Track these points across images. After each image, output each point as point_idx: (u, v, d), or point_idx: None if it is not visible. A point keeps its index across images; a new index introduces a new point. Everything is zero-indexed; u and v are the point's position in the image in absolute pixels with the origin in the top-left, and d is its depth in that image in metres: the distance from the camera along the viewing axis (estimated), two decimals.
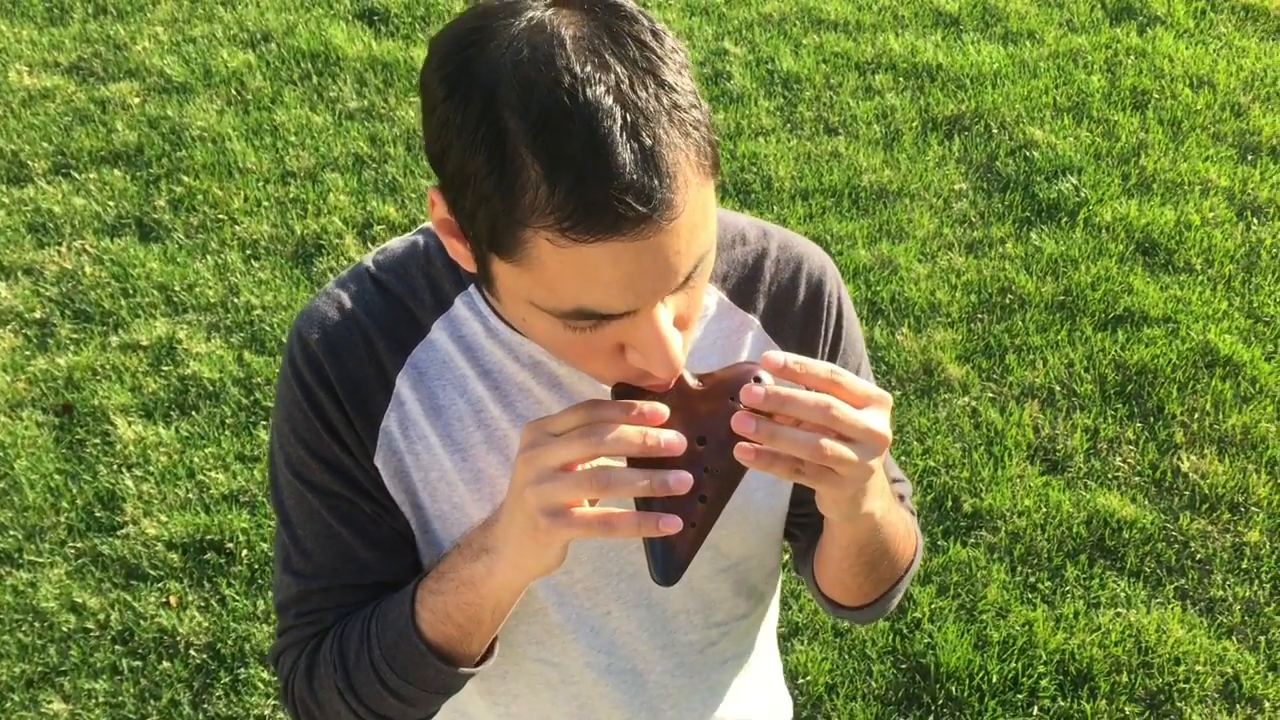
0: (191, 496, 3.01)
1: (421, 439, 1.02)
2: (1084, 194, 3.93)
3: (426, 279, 1.03)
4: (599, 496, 0.87)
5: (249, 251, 3.78)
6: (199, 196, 4.00)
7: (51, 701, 2.60)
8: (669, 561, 0.90)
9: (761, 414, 0.86)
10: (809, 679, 2.60)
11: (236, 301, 3.59)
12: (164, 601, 2.78)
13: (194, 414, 3.23)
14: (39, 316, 3.57)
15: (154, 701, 2.60)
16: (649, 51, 0.81)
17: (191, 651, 2.68)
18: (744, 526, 1.11)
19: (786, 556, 1.31)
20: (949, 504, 2.97)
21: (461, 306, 1.03)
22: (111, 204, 3.98)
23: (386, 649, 1.00)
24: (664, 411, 0.88)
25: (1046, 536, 2.89)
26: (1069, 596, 2.77)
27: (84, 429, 3.20)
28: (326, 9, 4.98)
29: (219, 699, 2.59)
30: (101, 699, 2.60)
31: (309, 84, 4.54)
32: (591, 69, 0.78)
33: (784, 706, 1.39)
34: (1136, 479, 3.03)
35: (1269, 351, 3.38)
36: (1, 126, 4.35)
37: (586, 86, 0.77)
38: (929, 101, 4.39)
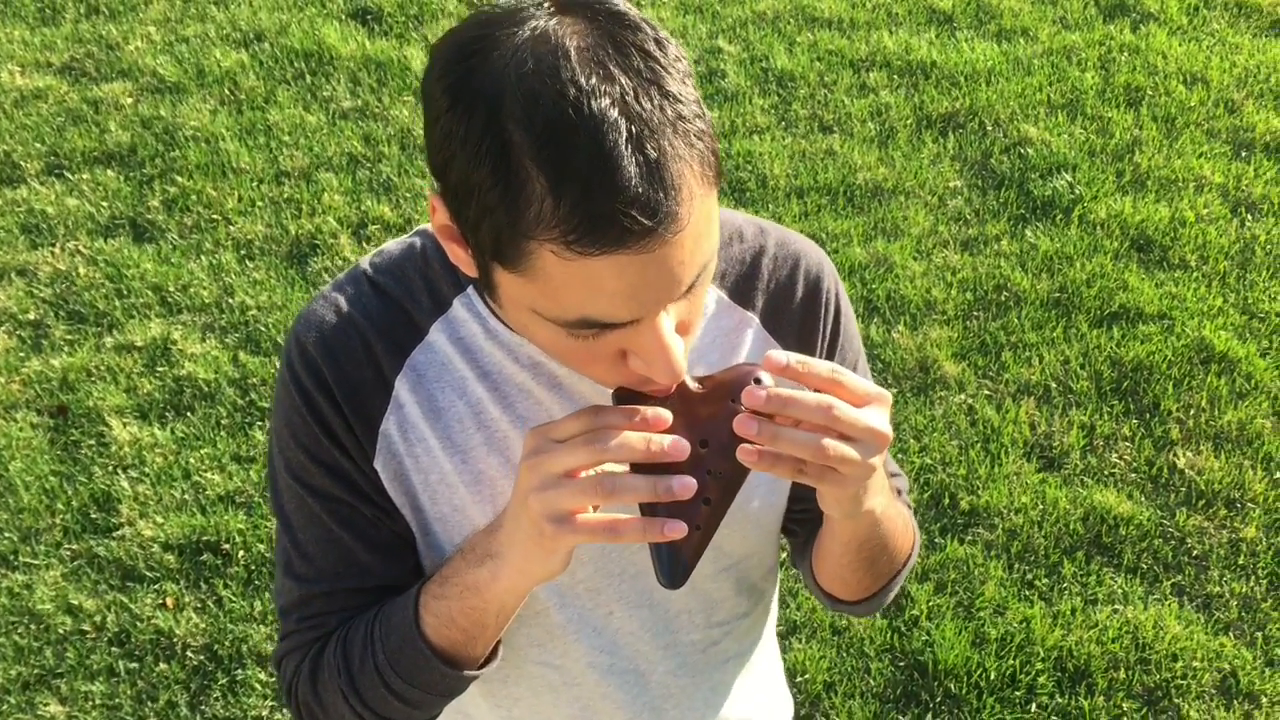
0: (187, 498, 3.00)
1: (421, 441, 1.02)
2: (1078, 191, 3.94)
3: (424, 281, 1.03)
4: (603, 503, 0.87)
5: (243, 252, 3.78)
6: (193, 197, 3.99)
7: (48, 704, 2.59)
8: (675, 565, 0.90)
9: (763, 415, 0.86)
10: (807, 677, 2.60)
11: (231, 302, 3.58)
12: (161, 603, 2.77)
13: (189, 415, 3.22)
14: (33, 318, 3.56)
15: (151, 703, 2.59)
16: (653, 61, 0.80)
17: (189, 653, 2.68)
18: (745, 525, 1.11)
19: (784, 554, 1.31)
20: (946, 501, 2.97)
21: (460, 308, 1.02)
22: (105, 204, 3.97)
23: (391, 653, 1.00)
24: (667, 417, 0.88)
25: (1043, 533, 2.89)
26: (1066, 593, 2.77)
27: (79, 430, 3.19)
28: (319, 8, 4.97)
29: (216, 700, 2.59)
30: (98, 701, 2.60)
31: (302, 84, 4.53)
32: (596, 81, 0.78)
33: (785, 705, 1.39)
34: (1133, 475, 3.04)
35: (1264, 347, 3.38)
36: None
37: (591, 99, 0.77)
38: (923, 99, 4.39)
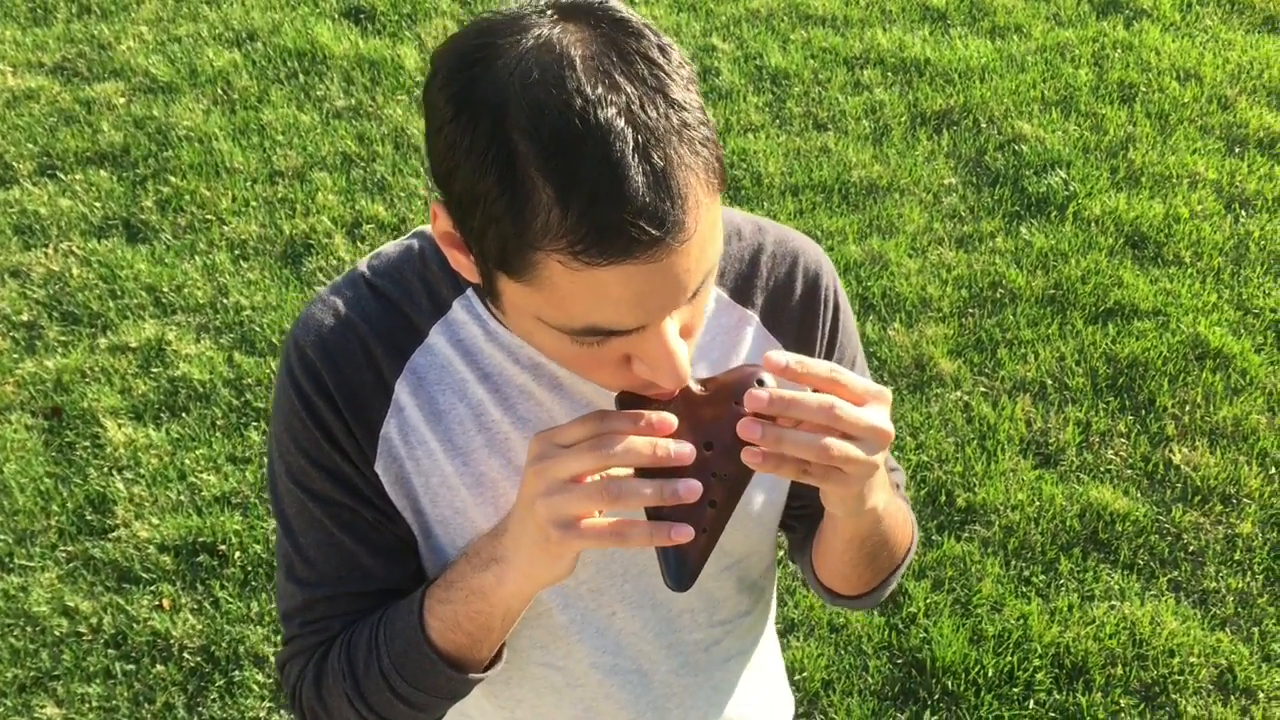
0: (183, 499, 3.00)
1: (422, 444, 1.02)
2: (1073, 188, 3.94)
3: (423, 283, 1.02)
4: (609, 508, 0.87)
5: (238, 252, 3.77)
6: (186, 197, 3.97)
7: (45, 706, 2.58)
8: (682, 569, 0.91)
9: (765, 417, 0.86)
10: (805, 675, 2.60)
11: (226, 302, 3.57)
12: (157, 604, 2.77)
13: (184, 416, 3.22)
14: (26, 319, 3.55)
15: (148, 705, 2.58)
16: (657, 69, 0.80)
17: (185, 654, 2.67)
18: (747, 524, 1.12)
19: (781, 552, 1.31)
20: (942, 499, 2.97)
21: (459, 310, 1.02)
22: (98, 205, 3.96)
23: (396, 657, 1.00)
24: (672, 421, 0.88)
25: (1040, 530, 2.90)
26: (1063, 590, 2.78)
27: (73, 432, 3.18)
28: (312, 7, 4.96)
29: (214, 702, 2.58)
30: (95, 703, 2.59)
31: (296, 83, 4.52)
32: (603, 90, 0.77)
33: (786, 703, 1.40)
34: (1129, 472, 3.05)
35: (1258, 343, 3.39)
36: None
37: (598, 109, 0.77)
38: (917, 96, 4.39)
